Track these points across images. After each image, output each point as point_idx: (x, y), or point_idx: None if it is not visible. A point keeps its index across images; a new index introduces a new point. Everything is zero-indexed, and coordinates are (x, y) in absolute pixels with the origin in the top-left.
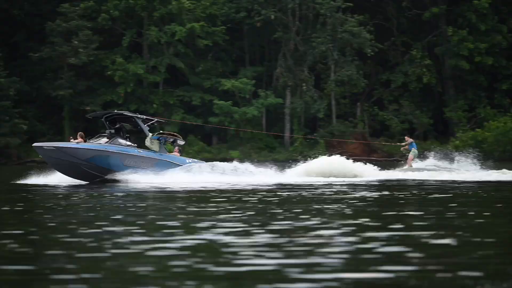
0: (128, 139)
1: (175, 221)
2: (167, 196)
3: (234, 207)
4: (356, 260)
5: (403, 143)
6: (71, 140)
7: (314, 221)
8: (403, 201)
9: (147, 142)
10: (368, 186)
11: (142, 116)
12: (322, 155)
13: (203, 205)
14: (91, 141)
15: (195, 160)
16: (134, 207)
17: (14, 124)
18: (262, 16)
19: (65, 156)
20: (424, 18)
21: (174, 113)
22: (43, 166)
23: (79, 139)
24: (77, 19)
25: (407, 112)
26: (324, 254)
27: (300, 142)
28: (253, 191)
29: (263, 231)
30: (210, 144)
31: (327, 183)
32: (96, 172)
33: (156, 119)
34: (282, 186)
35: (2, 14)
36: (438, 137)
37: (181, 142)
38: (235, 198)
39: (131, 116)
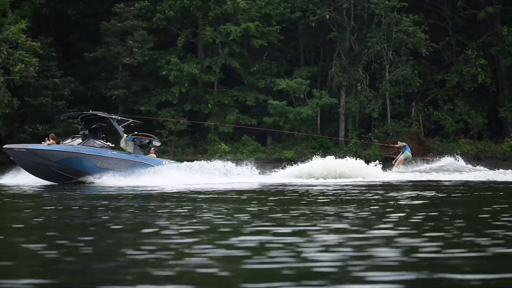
0: (104, 140)
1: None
2: (186, 197)
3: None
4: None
5: (397, 145)
6: (44, 142)
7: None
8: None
9: (122, 143)
10: (370, 187)
11: (116, 117)
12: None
13: (244, 206)
14: (64, 142)
15: (171, 161)
16: (175, 209)
17: (69, 124)
18: (317, 16)
19: (35, 158)
20: (479, 18)
21: (228, 113)
22: None
23: (51, 141)
24: (132, 19)
25: (462, 111)
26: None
27: (355, 142)
28: (258, 191)
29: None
30: (265, 144)
31: (323, 184)
32: (68, 174)
33: (131, 120)
34: (284, 186)
35: (57, 14)
36: (492, 136)
37: (156, 143)
38: (265, 197)
39: (105, 117)
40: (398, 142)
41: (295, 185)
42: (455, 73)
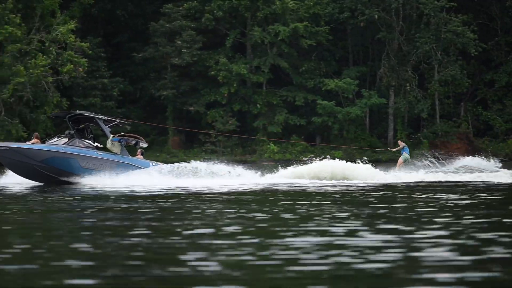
0: (92, 140)
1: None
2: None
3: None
4: None
5: (394, 149)
6: (29, 141)
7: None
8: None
9: (108, 144)
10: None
11: (103, 117)
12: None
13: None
14: (49, 141)
15: (158, 163)
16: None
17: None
18: (365, 16)
19: (19, 156)
20: None
21: (277, 113)
22: None
23: (35, 140)
24: (181, 19)
25: (511, 111)
26: None
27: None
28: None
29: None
30: (313, 144)
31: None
32: (52, 173)
33: (118, 120)
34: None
35: (106, 15)
36: None
37: (143, 144)
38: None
39: (92, 117)
40: (399, 142)
41: (307, 185)
42: (504, 73)
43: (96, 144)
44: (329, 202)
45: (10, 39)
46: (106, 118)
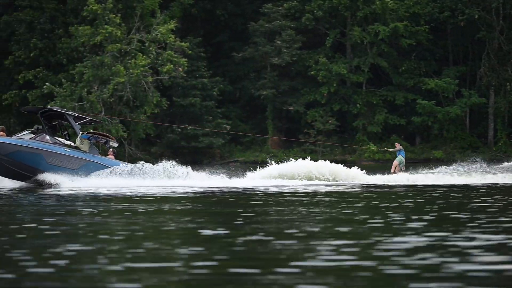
0: (66, 138)
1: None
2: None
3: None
4: None
5: (390, 149)
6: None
7: None
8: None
9: (77, 141)
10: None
11: (73, 113)
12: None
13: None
14: (16, 135)
15: (128, 163)
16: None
17: (218, 124)
18: (465, 15)
19: None
20: None
21: (377, 112)
22: (244, 167)
23: (0, 133)
24: (280, 19)
25: None
26: None
27: (504, 142)
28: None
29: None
30: (413, 144)
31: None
32: (18, 169)
33: (89, 118)
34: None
35: (206, 15)
36: None
37: (114, 144)
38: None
39: (62, 113)
40: (396, 144)
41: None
42: None
43: (69, 142)
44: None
45: (110, 39)
46: (76, 114)
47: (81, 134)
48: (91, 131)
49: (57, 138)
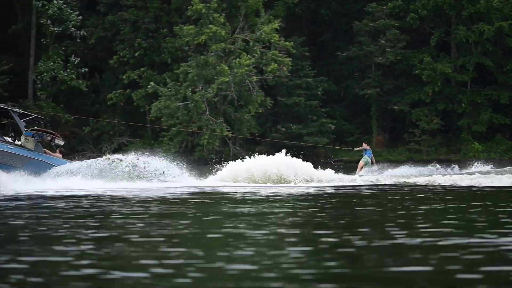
0: (12, 138)
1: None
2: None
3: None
4: None
5: (356, 148)
6: None
7: None
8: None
9: (22, 139)
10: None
11: (18, 110)
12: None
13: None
14: None
15: (75, 162)
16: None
17: (322, 124)
18: None
19: None
20: None
21: (482, 112)
22: (350, 166)
23: None
24: (384, 18)
25: None
26: None
27: None
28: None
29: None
30: None
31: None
32: None
33: (34, 115)
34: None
35: (310, 14)
36: None
37: (60, 142)
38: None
39: (6, 110)
40: (364, 144)
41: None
42: None
43: (16, 142)
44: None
45: (214, 39)
46: (21, 111)
47: (25, 131)
48: (35, 128)
49: (5, 137)
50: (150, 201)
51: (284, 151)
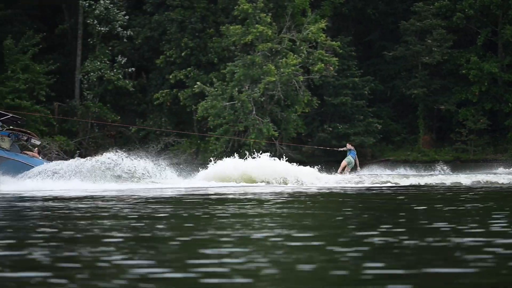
0: None
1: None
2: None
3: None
4: None
5: (340, 149)
6: None
7: None
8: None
9: None
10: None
11: None
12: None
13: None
14: None
15: (51, 162)
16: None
17: (369, 123)
18: None
19: None
20: None
21: None
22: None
23: None
24: (431, 18)
25: None
26: None
27: None
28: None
29: None
30: None
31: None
32: None
33: (11, 115)
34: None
35: (356, 14)
36: None
37: (36, 141)
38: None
39: None
40: (348, 144)
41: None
42: None
43: None
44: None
45: (261, 38)
46: None
47: (1, 130)
48: (11, 127)
49: None
50: (170, 202)
51: (267, 154)
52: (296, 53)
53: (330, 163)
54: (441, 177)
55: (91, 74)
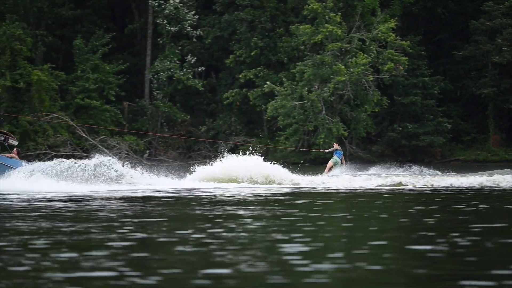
0: None
1: None
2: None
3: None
4: None
5: (327, 150)
6: None
7: None
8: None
9: None
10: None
11: None
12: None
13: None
14: None
15: (28, 162)
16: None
17: (438, 123)
18: None
19: None
20: None
21: None
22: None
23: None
24: (501, 17)
25: None
26: None
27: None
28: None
29: None
30: None
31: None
32: None
33: None
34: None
35: (426, 13)
36: None
37: (14, 142)
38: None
39: None
40: (334, 144)
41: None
42: None
43: None
44: None
45: (330, 38)
46: None
47: None
48: None
49: None
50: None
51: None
52: (365, 53)
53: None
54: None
55: (161, 73)
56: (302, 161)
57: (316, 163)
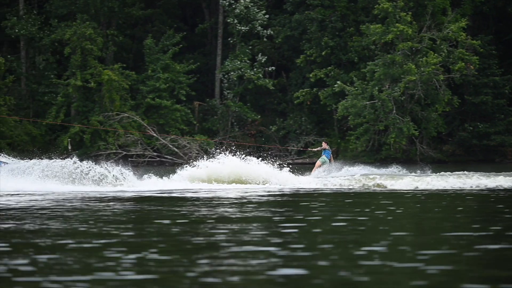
0: None
1: None
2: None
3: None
4: None
5: (315, 149)
6: None
7: None
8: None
9: None
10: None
11: None
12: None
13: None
14: None
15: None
16: None
17: (509, 122)
18: None
19: None
20: None
21: None
22: None
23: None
24: None
25: None
26: None
27: None
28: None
29: None
30: None
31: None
32: None
33: None
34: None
35: (497, 12)
36: None
37: None
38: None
39: None
40: (323, 143)
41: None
42: None
43: None
44: None
45: (401, 37)
46: None
47: None
48: None
49: None
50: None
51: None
52: (436, 52)
53: (469, 162)
54: None
55: (231, 73)
56: (372, 161)
57: (386, 163)
